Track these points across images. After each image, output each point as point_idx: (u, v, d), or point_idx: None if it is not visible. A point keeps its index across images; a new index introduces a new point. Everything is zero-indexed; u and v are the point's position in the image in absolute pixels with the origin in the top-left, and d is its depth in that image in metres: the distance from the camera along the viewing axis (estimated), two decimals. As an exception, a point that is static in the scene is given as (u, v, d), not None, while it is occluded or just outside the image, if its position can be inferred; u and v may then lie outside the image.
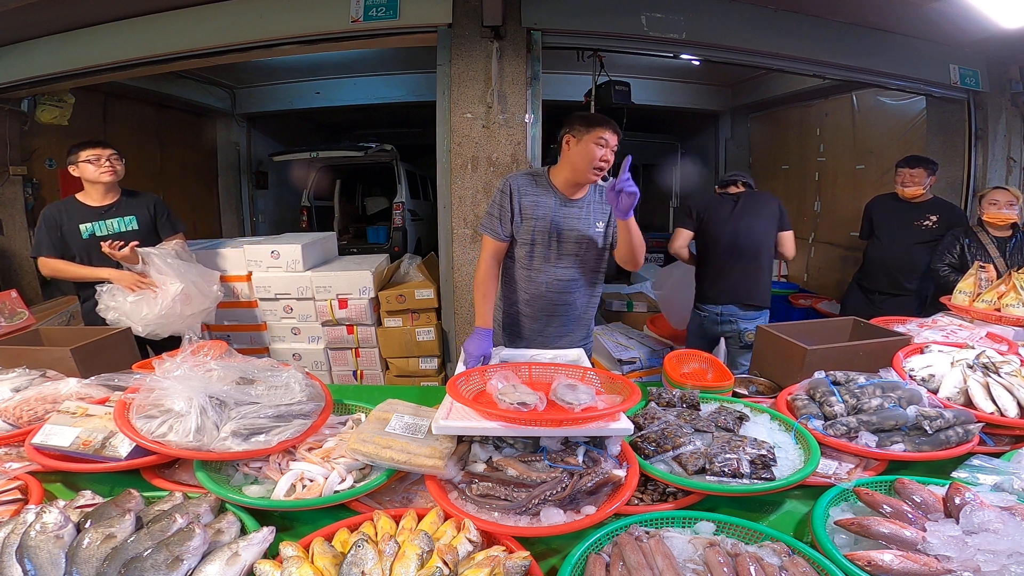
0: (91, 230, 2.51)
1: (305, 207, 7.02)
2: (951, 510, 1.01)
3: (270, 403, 1.28)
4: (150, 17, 3.48)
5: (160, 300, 2.42)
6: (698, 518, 1.05)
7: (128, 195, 2.63)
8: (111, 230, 2.54)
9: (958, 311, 2.20)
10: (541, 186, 1.97)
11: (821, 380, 1.51)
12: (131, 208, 2.60)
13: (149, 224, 2.63)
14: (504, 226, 1.97)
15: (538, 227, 1.96)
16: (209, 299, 2.67)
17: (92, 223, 2.51)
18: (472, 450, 1.18)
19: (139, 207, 2.62)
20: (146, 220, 2.62)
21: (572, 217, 1.96)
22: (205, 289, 2.64)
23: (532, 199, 1.95)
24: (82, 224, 2.50)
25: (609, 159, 1.87)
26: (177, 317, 2.48)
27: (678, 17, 3.33)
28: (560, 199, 1.96)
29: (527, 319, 2.08)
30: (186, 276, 2.52)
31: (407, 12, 3.18)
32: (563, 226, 1.96)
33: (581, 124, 1.86)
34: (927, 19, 3.38)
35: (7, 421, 1.37)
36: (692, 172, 8.01)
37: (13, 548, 0.90)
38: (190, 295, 2.52)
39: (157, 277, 2.46)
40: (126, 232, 2.55)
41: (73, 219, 2.50)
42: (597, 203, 2.00)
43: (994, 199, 2.77)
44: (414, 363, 3.47)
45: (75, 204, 2.55)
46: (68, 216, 2.51)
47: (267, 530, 0.98)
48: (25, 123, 4.46)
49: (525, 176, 2.00)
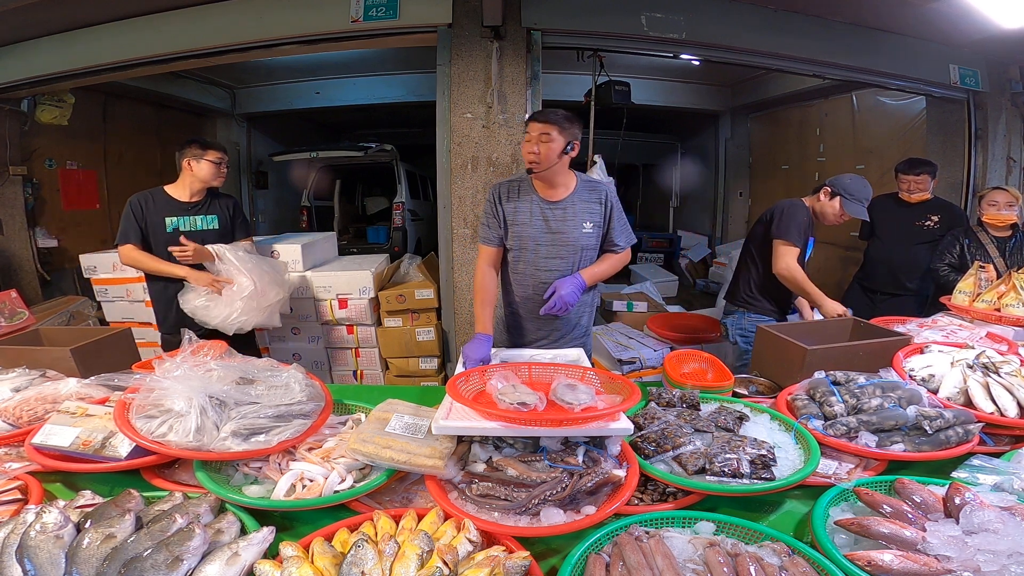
0: (176, 224, 2.53)
1: (305, 207, 7.02)
2: (951, 510, 1.01)
3: (270, 403, 1.28)
4: (150, 17, 3.48)
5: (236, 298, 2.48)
6: (698, 518, 1.05)
7: (213, 194, 2.67)
8: (194, 227, 2.57)
9: (958, 311, 2.20)
10: (523, 191, 1.99)
11: (821, 380, 1.51)
12: (215, 208, 2.64)
13: (227, 225, 2.68)
14: (495, 232, 2.00)
15: (523, 232, 1.97)
16: (284, 288, 2.74)
17: (178, 217, 2.54)
18: (472, 450, 1.18)
19: (221, 208, 2.67)
20: (225, 221, 2.67)
21: (556, 219, 1.96)
22: (278, 279, 2.71)
23: (514, 205, 1.97)
24: (168, 217, 2.52)
25: (535, 149, 1.86)
26: (256, 311, 2.55)
27: (678, 17, 3.33)
28: (542, 202, 1.96)
29: (524, 320, 2.10)
30: (259, 268, 2.59)
31: (407, 12, 3.18)
32: (547, 229, 1.96)
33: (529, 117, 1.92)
34: (926, 19, 3.39)
35: (7, 421, 1.37)
36: (692, 172, 8.03)
37: (13, 548, 0.90)
38: (265, 288, 2.58)
39: (233, 273, 2.51)
40: (207, 230, 2.60)
41: (160, 211, 2.52)
42: (584, 202, 1.99)
43: (993, 200, 2.77)
44: (414, 363, 3.47)
45: (163, 196, 2.56)
46: (155, 207, 2.53)
47: (267, 530, 0.98)
48: (25, 123, 4.47)
49: (508, 183, 2.03)
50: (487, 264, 2.02)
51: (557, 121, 1.85)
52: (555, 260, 1.97)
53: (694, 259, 7.50)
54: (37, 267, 4.63)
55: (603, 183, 2.10)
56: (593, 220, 1.99)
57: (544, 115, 1.87)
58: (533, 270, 1.99)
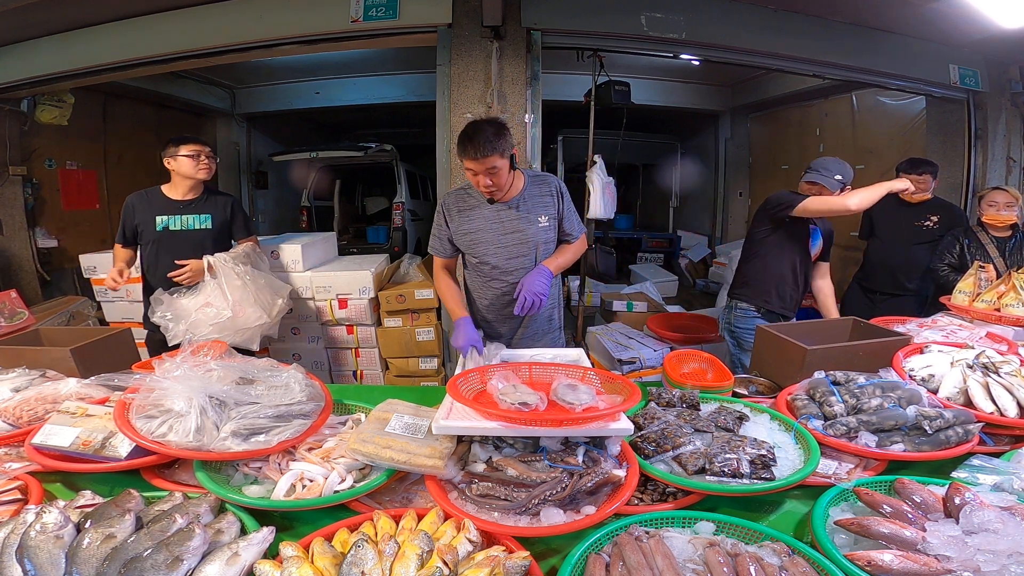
0: (165, 223, 2.52)
1: (305, 207, 7.03)
2: (951, 510, 1.01)
3: (270, 403, 1.28)
4: (150, 17, 3.48)
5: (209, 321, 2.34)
6: (698, 518, 1.05)
7: (210, 193, 2.64)
8: (185, 226, 2.54)
9: (958, 311, 2.20)
10: (472, 197, 1.99)
11: (821, 380, 1.51)
12: (209, 207, 2.60)
13: (224, 224, 2.63)
14: (443, 244, 2.03)
15: (479, 238, 1.97)
16: (269, 313, 2.54)
17: (169, 216, 2.52)
18: (472, 450, 1.18)
19: (216, 207, 2.62)
20: (221, 220, 2.62)
21: (510, 219, 1.96)
22: (266, 302, 2.52)
23: (465, 214, 1.98)
24: (159, 216, 2.51)
25: (484, 184, 1.82)
26: (230, 333, 2.40)
27: (678, 17, 3.33)
28: (492, 205, 1.96)
29: (495, 324, 2.10)
30: (250, 287, 2.46)
31: (407, 12, 3.18)
32: (502, 230, 1.96)
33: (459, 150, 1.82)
34: (926, 19, 3.39)
35: (7, 421, 1.37)
36: (692, 172, 8.02)
37: (13, 548, 0.90)
38: (246, 311, 2.43)
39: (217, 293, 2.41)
40: (199, 230, 2.56)
41: (152, 210, 2.52)
42: (535, 197, 1.98)
43: (993, 200, 2.77)
44: (414, 363, 3.47)
45: (157, 195, 2.56)
46: (148, 206, 2.53)
47: (267, 530, 0.98)
48: (25, 123, 4.46)
49: (456, 193, 2.03)
50: (443, 268, 2.07)
51: (495, 149, 1.75)
52: (516, 259, 1.98)
53: (694, 259, 7.50)
54: (37, 267, 4.63)
55: (551, 175, 2.09)
56: (547, 213, 1.99)
57: (478, 150, 1.74)
58: (498, 273, 2.00)
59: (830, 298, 2.63)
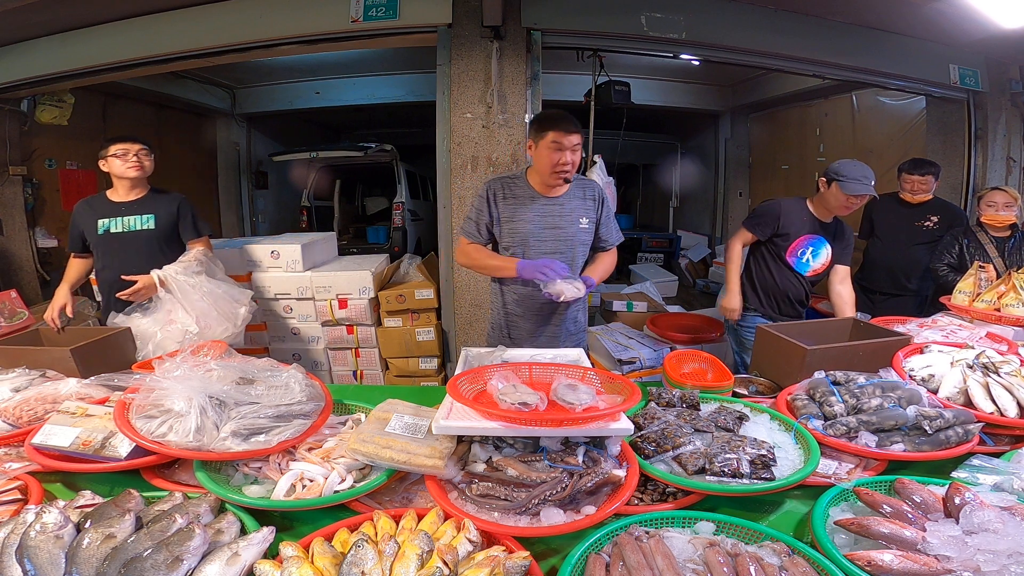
0: (106, 226, 2.44)
1: (305, 207, 7.03)
2: (951, 510, 1.01)
3: (270, 403, 1.28)
4: (150, 17, 3.48)
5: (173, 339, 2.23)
6: (698, 518, 1.05)
7: (155, 192, 2.55)
8: (127, 227, 2.45)
9: (958, 311, 2.20)
10: (520, 188, 1.99)
11: (821, 380, 1.51)
12: (152, 206, 2.49)
13: (169, 224, 2.52)
14: (480, 228, 2.02)
15: (522, 228, 1.98)
16: (233, 323, 2.44)
17: (109, 219, 2.44)
18: (472, 450, 1.18)
19: (161, 206, 2.51)
20: (166, 220, 2.51)
21: (553, 215, 1.98)
22: (229, 312, 2.42)
23: (511, 203, 1.98)
24: (100, 220, 2.43)
25: (569, 160, 1.86)
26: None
27: (678, 17, 3.33)
28: (541, 199, 1.98)
29: (520, 319, 2.09)
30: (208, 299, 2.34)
31: (407, 12, 3.19)
32: (544, 224, 1.98)
33: (536, 128, 1.88)
34: (927, 19, 3.39)
35: (7, 421, 1.37)
36: (692, 172, 8.03)
37: (13, 548, 0.90)
38: (210, 324, 2.34)
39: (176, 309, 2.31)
40: (142, 230, 2.47)
41: (94, 215, 2.45)
42: (579, 199, 2.02)
43: (992, 201, 2.78)
44: (414, 363, 3.47)
45: (101, 199, 2.49)
46: (91, 212, 2.46)
47: (267, 530, 0.98)
48: (25, 123, 4.47)
49: (503, 180, 2.03)
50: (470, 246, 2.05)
51: (579, 130, 1.87)
52: (553, 255, 1.99)
53: (694, 259, 7.50)
54: (37, 267, 4.63)
55: (595, 182, 2.13)
56: (588, 216, 2.03)
57: (572, 124, 1.84)
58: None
59: (848, 305, 2.46)
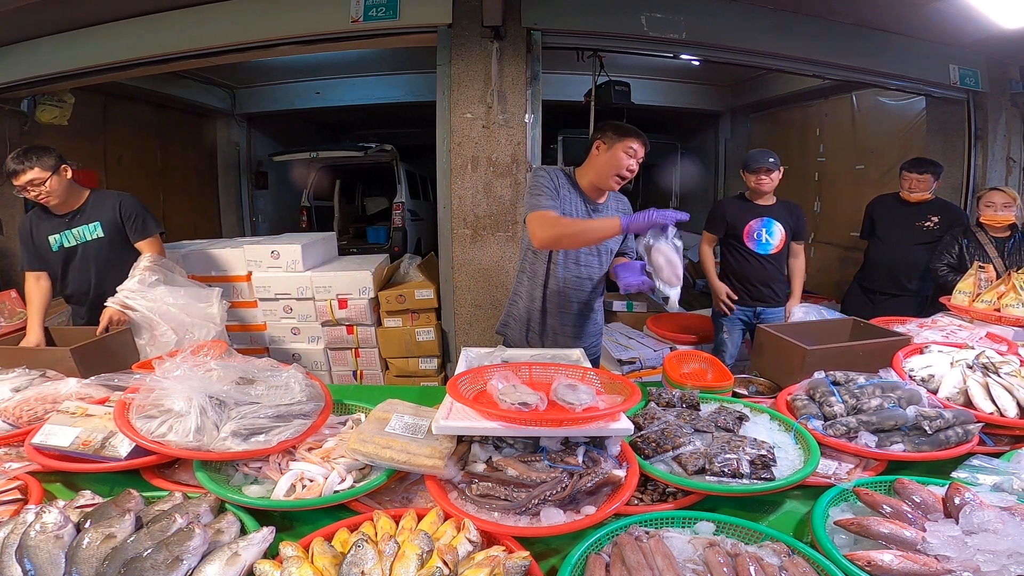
0: (60, 241, 2.34)
1: (305, 207, 7.03)
2: (951, 510, 1.01)
3: (270, 403, 1.28)
4: (150, 17, 3.48)
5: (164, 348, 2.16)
6: (698, 518, 1.05)
7: (94, 197, 2.40)
8: (79, 239, 2.35)
9: (958, 311, 2.20)
10: (571, 186, 2.01)
11: (821, 380, 1.51)
12: (95, 213, 2.37)
13: (116, 227, 2.39)
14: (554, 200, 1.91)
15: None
16: (211, 322, 2.39)
17: (59, 234, 2.34)
18: (472, 450, 1.18)
19: (103, 210, 2.38)
20: (112, 224, 2.38)
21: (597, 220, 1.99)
22: (201, 313, 2.37)
23: (565, 194, 1.98)
24: (51, 236, 2.34)
25: (634, 169, 1.91)
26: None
27: (678, 17, 3.33)
28: (586, 201, 2.00)
29: (548, 315, 2.09)
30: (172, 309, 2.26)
31: (407, 12, 3.18)
32: None
33: (613, 132, 1.91)
34: (927, 19, 3.39)
35: (7, 421, 1.37)
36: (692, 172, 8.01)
37: (13, 548, 0.90)
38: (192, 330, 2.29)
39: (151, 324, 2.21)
40: (93, 240, 2.36)
41: (42, 231, 2.34)
42: (613, 210, 2.05)
43: (990, 201, 2.78)
44: (414, 363, 3.47)
45: (44, 213, 2.35)
46: (38, 227, 2.35)
47: (267, 530, 0.98)
48: (25, 123, 4.46)
49: (558, 172, 2.02)
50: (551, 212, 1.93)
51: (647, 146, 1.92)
52: (592, 257, 2.03)
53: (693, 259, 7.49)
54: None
55: (625, 198, 2.18)
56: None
57: (645, 140, 1.90)
58: (572, 264, 2.02)
59: (796, 277, 3.00)
